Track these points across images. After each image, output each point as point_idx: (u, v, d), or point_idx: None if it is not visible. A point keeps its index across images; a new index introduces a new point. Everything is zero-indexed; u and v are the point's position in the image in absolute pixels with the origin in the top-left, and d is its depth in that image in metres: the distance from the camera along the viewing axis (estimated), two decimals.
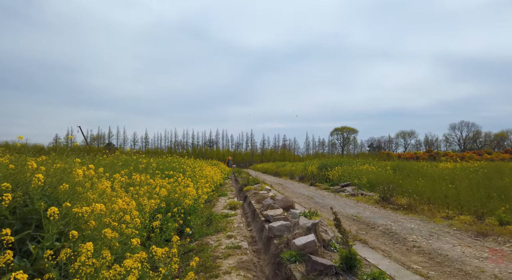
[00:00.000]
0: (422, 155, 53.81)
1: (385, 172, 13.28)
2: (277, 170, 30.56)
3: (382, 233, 5.11)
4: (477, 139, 75.67)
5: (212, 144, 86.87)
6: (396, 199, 8.66)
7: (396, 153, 65.39)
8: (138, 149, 74.08)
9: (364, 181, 12.16)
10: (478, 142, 75.54)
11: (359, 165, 15.87)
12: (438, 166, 13.74)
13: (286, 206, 7.62)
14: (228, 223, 6.40)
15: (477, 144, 75.41)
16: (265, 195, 9.46)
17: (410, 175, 11.47)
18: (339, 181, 14.84)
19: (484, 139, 75.31)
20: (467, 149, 71.16)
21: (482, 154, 50.49)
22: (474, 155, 44.09)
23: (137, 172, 6.66)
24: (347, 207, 8.29)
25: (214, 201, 10.54)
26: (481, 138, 75.47)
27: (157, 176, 6.57)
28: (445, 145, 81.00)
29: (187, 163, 11.64)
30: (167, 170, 8.59)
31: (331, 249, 4.05)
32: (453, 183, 9.11)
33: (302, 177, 19.72)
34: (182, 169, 9.63)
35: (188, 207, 6.20)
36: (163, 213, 5.81)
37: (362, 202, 9.17)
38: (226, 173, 23.93)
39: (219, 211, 8.02)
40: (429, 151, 65.33)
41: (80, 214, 2.40)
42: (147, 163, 8.19)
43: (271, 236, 5.02)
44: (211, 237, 5.24)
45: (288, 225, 5.06)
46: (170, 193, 6.19)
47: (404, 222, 5.99)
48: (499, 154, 50.73)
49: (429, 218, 6.43)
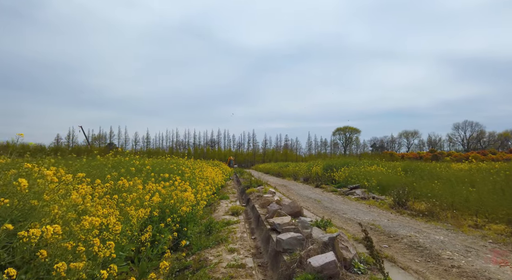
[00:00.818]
0: (425, 155, 52.96)
1: (396, 173, 12.56)
2: (279, 171, 29.85)
3: (409, 247, 4.41)
4: (481, 139, 74.70)
5: (213, 144, 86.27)
6: (412, 204, 7.95)
7: (399, 153, 64.52)
8: (140, 149, 73.67)
9: (374, 183, 11.45)
10: (482, 142, 74.56)
11: (366, 166, 15.15)
12: (451, 167, 13.00)
13: (294, 212, 6.93)
14: (230, 232, 5.72)
15: (480, 144, 74.42)
16: (270, 199, 8.78)
17: (423, 177, 10.75)
18: (346, 183, 14.14)
19: (488, 139, 74.34)
20: (471, 149, 70.22)
21: (486, 154, 49.62)
22: (479, 155, 43.23)
23: (130, 175, 6.00)
24: (360, 213, 7.59)
25: (215, 204, 9.87)
26: (485, 138, 74.51)
27: (151, 180, 5.90)
28: (448, 145, 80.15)
29: (186, 164, 10.97)
30: (164, 172, 7.93)
31: (354, 271, 3.35)
32: (473, 186, 8.40)
33: (307, 178, 19.02)
34: (180, 171, 8.96)
35: (185, 214, 5.53)
36: (156, 222, 5.13)
37: (375, 207, 8.46)
38: (227, 173, 23.26)
39: (220, 217, 7.34)
40: (432, 151, 64.43)
41: (26, 239, 1.73)
42: (141, 165, 7.53)
43: (280, 251, 4.33)
44: (211, 251, 4.56)
45: (300, 237, 4.36)
46: (165, 199, 5.51)
47: (430, 233, 5.28)
48: (503, 154, 49.85)
49: (455, 227, 5.73)
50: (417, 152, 65.85)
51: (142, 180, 5.66)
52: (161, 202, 5.50)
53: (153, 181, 5.89)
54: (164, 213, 5.47)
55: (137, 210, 4.09)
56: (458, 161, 21.79)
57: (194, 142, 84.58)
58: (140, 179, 5.80)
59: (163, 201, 5.51)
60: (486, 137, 74.52)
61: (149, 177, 6.71)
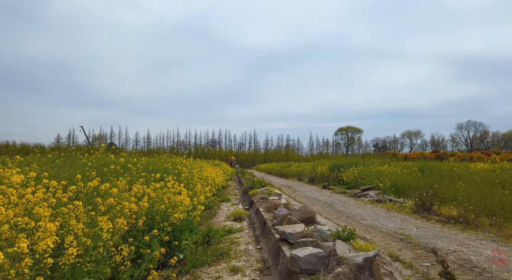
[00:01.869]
0: (428, 155, 51.89)
1: (410, 173, 11.63)
2: (282, 171, 28.92)
3: (460, 267, 3.48)
4: (485, 139, 73.61)
5: (214, 144, 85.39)
6: (438, 208, 7.04)
7: (402, 153, 63.44)
8: (140, 149, 73.06)
9: (388, 184, 10.52)
10: (485, 142, 73.48)
11: (377, 166, 14.21)
12: (470, 166, 12.05)
13: (305, 218, 6.02)
14: (232, 243, 4.82)
15: (484, 144, 73.34)
16: (277, 202, 7.87)
17: (442, 177, 9.81)
18: (356, 184, 13.21)
19: (491, 139, 73.25)
20: (474, 149, 69.13)
21: (490, 154, 48.54)
22: (483, 156, 42.25)
23: (117, 176, 5.10)
24: (380, 218, 6.67)
25: (215, 208, 8.97)
26: (489, 138, 73.42)
27: (140, 180, 5.00)
28: (451, 145, 79.12)
29: (184, 163, 10.07)
30: (158, 172, 7.02)
31: None
32: (504, 188, 7.47)
33: (312, 179, 18.09)
34: (177, 171, 8.06)
35: (179, 221, 4.63)
36: (143, 233, 4.24)
37: (394, 211, 7.54)
38: (229, 174, 22.37)
39: (220, 224, 6.44)
40: (435, 151, 63.35)
41: None
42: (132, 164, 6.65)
43: (296, 271, 3.43)
44: (209, 270, 3.67)
45: (321, 254, 3.46)
46: (154, 204, 4.62)
47: (476, 246, 4.35)
48: (508, 154, 48.74)
49: (502, 238, 4.81)
50: (420, 152, 64.79)
51: (127, 181, 4.77)
52: (151, 207, 4.61)
53: (142, 182, 5.00)
54: (154, 220, 4.57)
55: (114, 220, 3.20)
56: (462, 161, 20.77)
57: (195, 142, 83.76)
58: (126, 180, 4.90)
59: (152, 206, 4.62)
60: (490, 137, 73.46)
61: (138, 178, 5.82)
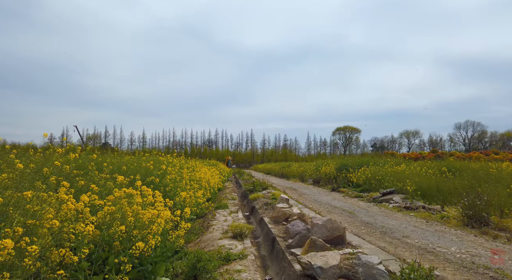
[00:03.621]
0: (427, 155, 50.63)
1: (436, 175, 10.04)
2: (282, 171, 27.26)
3: None
4: (483, 139, 72.81)
5: (211, 144, 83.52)
6: (499, 221, 5.43)
7: (401, 153, 62.19)
8: (135, 148, 71.10)
9: (413, 187, 8.91)
10: (483, 142, 72.70)
11: (393, 166, 12.61)
12: (502, 166, 10.48)
13: (332, 238, 4.37)
14: None
15: (482, 144, 72.54)
16: (286, 211, 6.20)
17: (479, 180, 8.19)
18: (370, 187, 11.59)
19: (489, 139, 72.47)
20: (472, 149, 68.26)
21: (489, 154, 47.45)
22: (482, 155, 41.11)
23: (71, 182, 3.42)
24: (429, 235, 5.04)
25: (209, 217, 7.28)
26: (487, 138, 72.64)
27: (93, 187, 3.33)
28: (449, 145, 78.31)
29: (172, 162, 8.38)
30: (132, 173, 5.34)
31: None
32: None
33: (318, 180, 16.45)
34: (160, 172, 6.38)
35: (151, 249, 2.96)
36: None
37: (437, 224, 5.92)
38: (225, 174, 20.68)
39: (215, 243, 4.77)
40: (434, 151, 62.20)
41: None
42: (96, 164, 4.99)
43: None
44: None
45: None
46: (111, 224, 2.94)
47: None
48: (507, 154, 47.68)
49: None
50: (418, 152, 63.60)
51: (79, 187, 3.10)
52: (105, 228, 2.93)
53: (96, 190, 3.31)
54: (112, 248, 2.89)
55: None
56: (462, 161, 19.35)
57: (191, 142, 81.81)
58: (78, 185, 3.22)
59: (109, 226, 2.94)
60: (488, 137, 72.67)
61: (104, 182, 4.16)
